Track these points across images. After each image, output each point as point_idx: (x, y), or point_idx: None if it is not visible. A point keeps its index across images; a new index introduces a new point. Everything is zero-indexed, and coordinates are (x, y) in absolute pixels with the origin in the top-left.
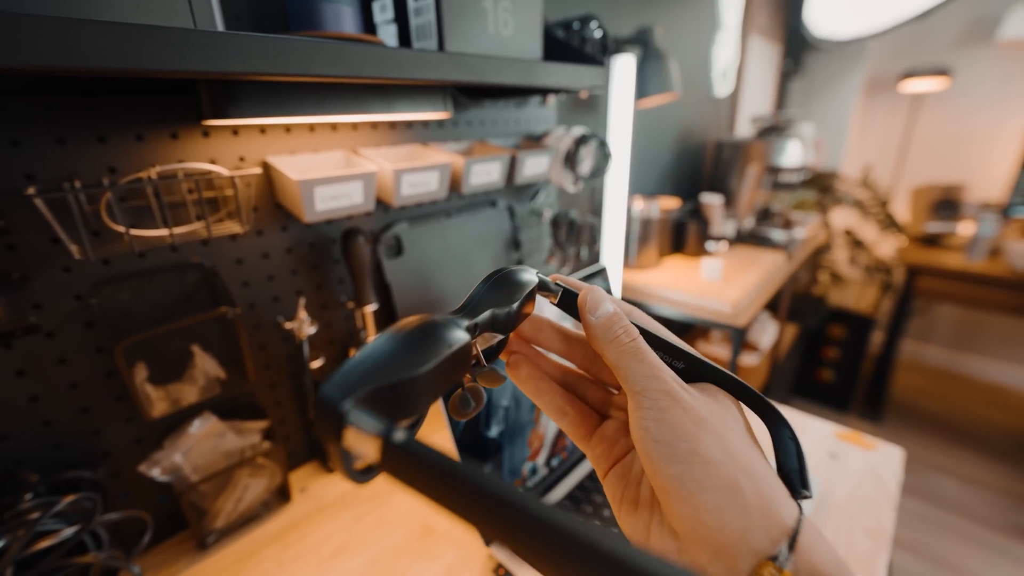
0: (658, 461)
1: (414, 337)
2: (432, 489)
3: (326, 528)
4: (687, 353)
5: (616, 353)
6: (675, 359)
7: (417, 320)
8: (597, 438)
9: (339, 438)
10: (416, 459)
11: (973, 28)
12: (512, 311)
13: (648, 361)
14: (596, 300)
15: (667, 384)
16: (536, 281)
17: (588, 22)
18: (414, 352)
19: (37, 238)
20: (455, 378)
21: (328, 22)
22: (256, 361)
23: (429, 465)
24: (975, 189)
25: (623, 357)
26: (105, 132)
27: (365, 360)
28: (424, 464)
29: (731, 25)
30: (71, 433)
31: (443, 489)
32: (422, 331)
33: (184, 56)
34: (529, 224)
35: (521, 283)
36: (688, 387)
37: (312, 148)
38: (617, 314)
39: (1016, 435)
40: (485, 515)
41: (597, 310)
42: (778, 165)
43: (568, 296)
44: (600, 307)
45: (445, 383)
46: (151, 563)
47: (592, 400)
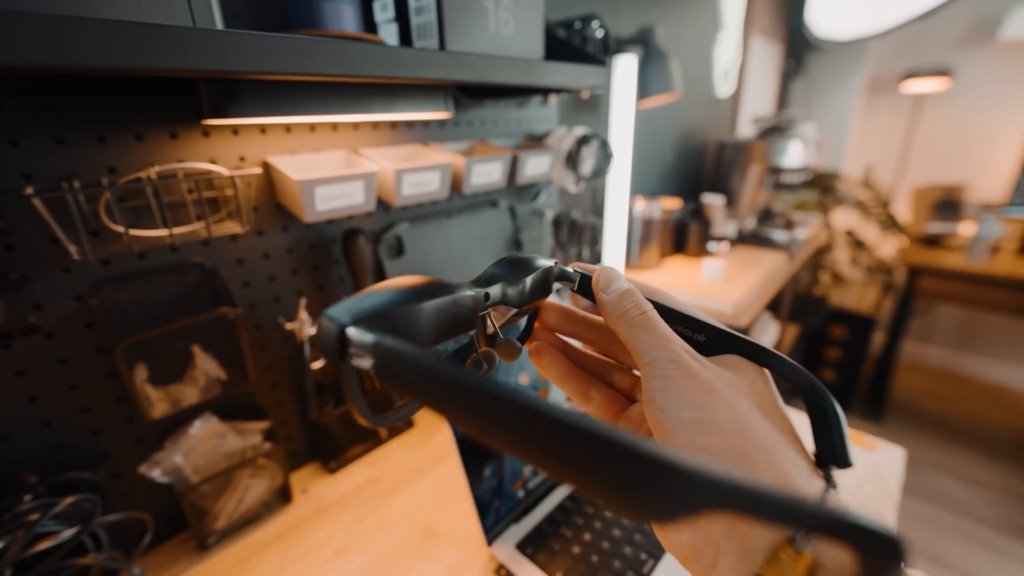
0: (663, 431)
1: (417, 283)
2: (424, 389)
3: (327, 529)
4: (709, 325)
5: (627, 326)
6: (696, 332)
7: (423, 277)
8: (623, 421)
9: (341, 354)
10: (406, 359)
11: (974, 28)
12: (524, 288)
13: (657, 332)
14: (608, 278)
15: (674, 353)
16: (550, 265)
17: (589, 21)
18: (415, 294)
19: (36, 238)
20: (457, 328)
21: (329, 21)
22: (257, 362)
23: (418, 364)
24: (976, 190)
25: (633, 330)
26: (104, 132)
27: (369, 295)
28: (413, 363)
29: (733, 25)
30: (71, 434)
31: (432, 387)
32: (426, 281)
33: (184, 55)
34: (531, 224)
35: (532, 264)
36: (703, 358)
37: (313, 148)
38: (629, 290)
39: (1017, 435)
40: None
41: (609, 287)
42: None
43: (586, 281)
44: (612, 284)
45: (445, 328)
46: (151, 564)
47: (619, 385)
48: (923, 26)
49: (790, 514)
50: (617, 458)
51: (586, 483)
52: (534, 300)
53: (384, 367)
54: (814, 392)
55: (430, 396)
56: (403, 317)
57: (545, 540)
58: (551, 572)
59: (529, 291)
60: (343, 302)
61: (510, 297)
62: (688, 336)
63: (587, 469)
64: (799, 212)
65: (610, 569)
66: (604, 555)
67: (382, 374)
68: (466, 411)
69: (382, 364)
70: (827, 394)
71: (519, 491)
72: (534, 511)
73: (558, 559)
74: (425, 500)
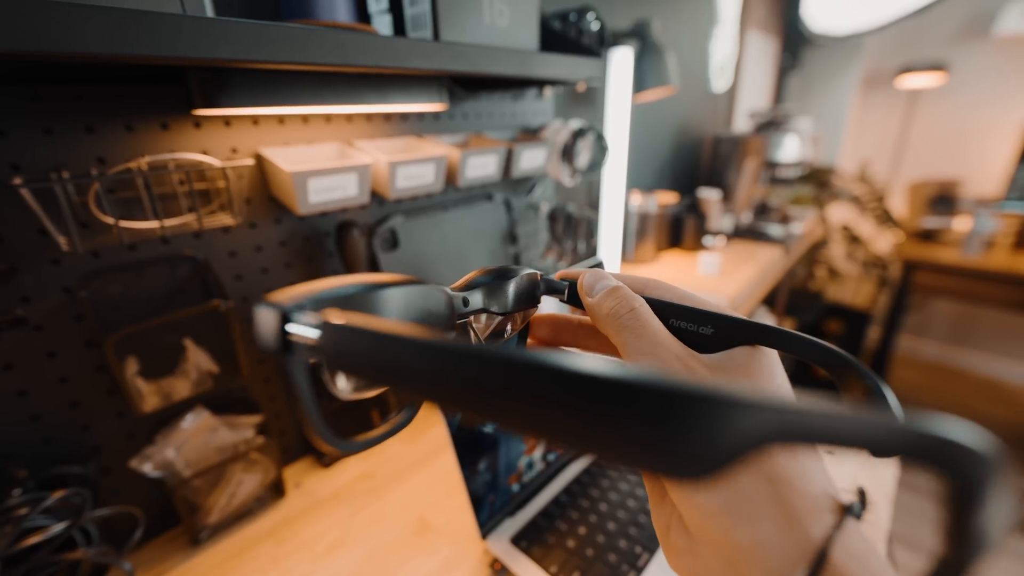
0: None
1: (383, 277)
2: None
3: (321, 524)
4: (716, 315)
5: (614, 328)
6: (701, 325)
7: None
8: None
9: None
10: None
11: (970, 24)
12: (507, 296)
13: (647, 333)
14: (592, 279)
15: (664, 357)
16: (534, 273)
17: (585, 14)
18: (379, 283)
19: (24, 230)
20: (428, 324)
21: (321, 11)
22: (249, 355)
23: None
24: (971, 184)
25: (621, 332)
26: (93, 122)
27: (321, 282)
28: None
29: (729, 19)
30: (60, 428)
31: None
32: (395, 277)
33: (175, 42)
34: (526, 218)
35: (514, 272)
36: (703, 358)
37: (306, 140)
38: (615, 288)
39: (1011, 429)
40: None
41: (594, 288)
42: (776, 160)
43: (575, 289)
44: (597, 284)
45: (414, 322)
46: (143, 559)
47: None
48: (918, 21)
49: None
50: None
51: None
52: (519, 309)
53: (339, 353)
54: (850, 371)
55: (401, 375)
56: (362, 305)
57: (540, 534)
58: (546, 566)
59: (513, 299)
60: (287, 289)
61: (492, 304)
62: (692, 331)
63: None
64: (795, 207)
65: (605, 563)
66: (599, 549)
67: (337, 363)
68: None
69: (336, 350)
70: (867, 372)
71: (514, 485)
72: (529, 505)
73: (553, 553)
74: (419, 494)
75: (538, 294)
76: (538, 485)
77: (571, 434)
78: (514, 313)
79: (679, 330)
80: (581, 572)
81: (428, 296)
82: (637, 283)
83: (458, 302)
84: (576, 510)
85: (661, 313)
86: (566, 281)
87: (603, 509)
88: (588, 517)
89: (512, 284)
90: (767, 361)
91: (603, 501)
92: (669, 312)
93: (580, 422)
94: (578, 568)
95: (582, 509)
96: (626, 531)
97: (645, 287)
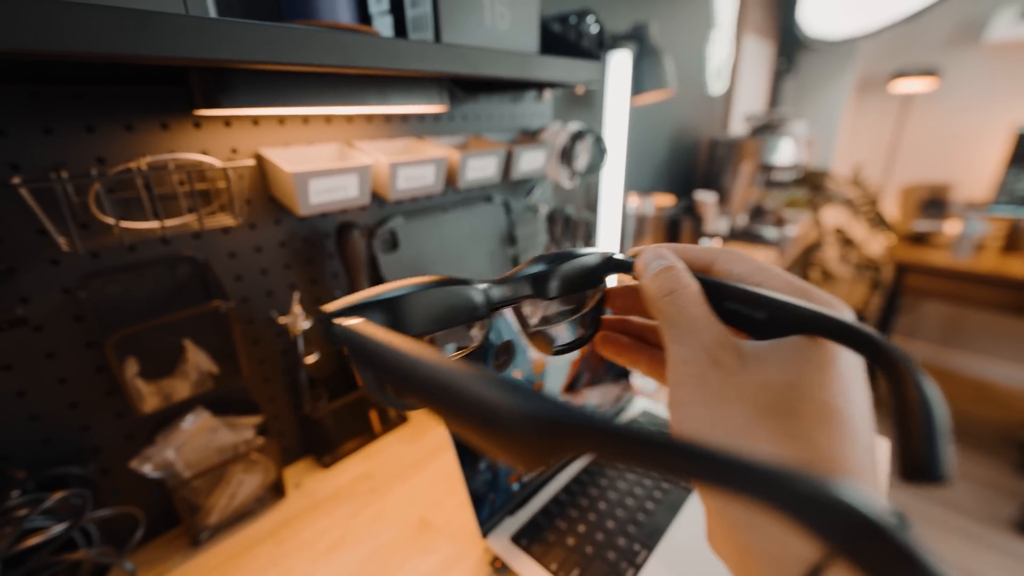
0: (673, 423)
1: (418, 280)
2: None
3: (321, 524)
4: (770, 299)
5: (655, 311)
6: (755, 309)
7: (436, 276)
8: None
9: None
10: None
11: (961, 30)
12: (555, 281)
13: (682, 319)
14: (650, 257)
15: (692, 345)
16: (593, 254)
17: (585, 17)
18: (408, 287)
19: (23, 230)
20: (454, 318)
21: (323, 12)
22: (250, 356)
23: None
24: (962, 188)
25: (659, 316)
26: (93, 122)
27: (367, 291)
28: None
29: (726, 23)
30: (60, 428)
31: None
32: (430, 279)
33: (177, 42)
34: (525, 219)
35: (571, 255)
36: (749, 346)
37: (306, 141)
38: (665, 269)
39: (1000, 429)
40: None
41: (648, 268)
42: (771, 163)
43: None
44: (652, 264)
45: (440, 316)
46: (144, 560)
47: None
48: (911, 27)
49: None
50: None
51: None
52: (572, 292)
53: (353, 351)
54: (905, 376)
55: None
56: (391, 307)
57: (540, 532)
58: (546, 564)
59: (560, 285)
60: (342, 300)
61: (537, 291)
62: (746, 314)
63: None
64: (790, 209)
65: (604, 560)
66: (598, 546)
67: (352, 357)
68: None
69: (352, 348)
70: (922, 380)
71: (514, 484)
72: (529, 503)
73: (553, 551)
74: (420, 494)
75: (601, 275)
76: (538, 484)
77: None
78: (570, 295)
79: (733, 312)
80: (581, 569)
81: (452, 294)
82: (705, 256)
83: (497, 293)
84: (576, 508)
85: (716, 293)
86: (631, 259)
87: (602, 507)
88: (587, 515)
89: (558, 271)
90: (826, 356)
91: (602, 500)
92: (724, 293)
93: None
94: (577, 565)
95: (581, 508)
96: (625, 529)
97: (714, 261)
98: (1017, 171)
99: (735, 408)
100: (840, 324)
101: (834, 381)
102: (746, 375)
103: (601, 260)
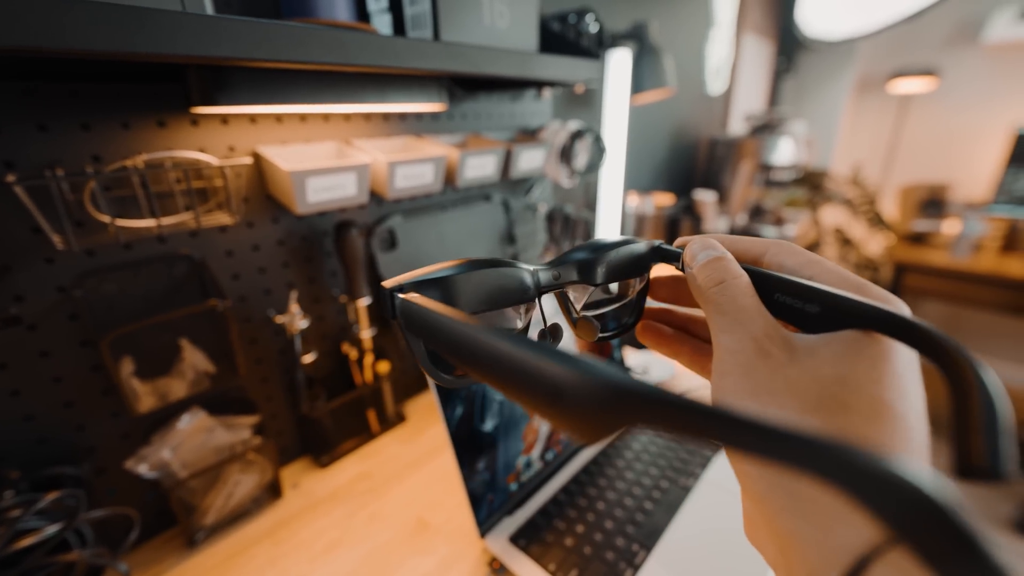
0: None
1: (472, 259)
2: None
3: (318, 524)
4: (824, 292)
5: (703, 301)
6: (807, 302)
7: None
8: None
9: (392, 314)
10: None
11: (960, 30)
12: (601, 268)
13: (731, 310)
14: (698, 247)
15: (740, 336)
16: (637, 243)
17: (584, 15)
18: (464, 265)
19: (18, 228)
20: (503, 298)
21: (321, 9)
22: (247, 355)
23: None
24: (960, 188)
25: (707, 306)
26: (89, 119)
27: (429, 268)
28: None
29: (725, 22)
30: (54, 428)
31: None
32: (483, 258)
33: (174, 39)
34: (524, 218)
35: (616, 244)
36: (799, 339)
37: (304, 139)
38: (715, 259)
39: None
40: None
41: (696, 258)
42: (770, 162)
43: None
44: (700, 254)
45: (490, 296)
46: (139, 561)
47: None
48: (910, 27)
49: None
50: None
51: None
52: (618, 279)
53: (412, 324)
54: (967, 371)
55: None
56: (447, 285)
57: (538, 532)
58: (544, 564)
59: (606, 271)
60: (405, 274)
61: (584, 277)
62: (798, 308)
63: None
64: (789, 209)
65: (603, 560)
66: (597, 547)
67: (408, 330)
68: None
69: (412, 322)
70: (984, 376)
71: (512, 484)
72: (527, 504)
73: (551, 551)
74: (418, 494)
75: (648, 263)
76: (536, 484)
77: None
78: (613, 282)
79: (783, 305)
80: (579, 570)
81: (504, 276)
82: (755, 248)
83: (545, 277)
84: (574, 509)
85: (767, 286)
86: (682, 248)
87: (600, 508)
88: (586, 516)
89: (606, 257)
90: (880, 351)
91: (600, 500)
92: (775, 286)
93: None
94: (576, 566)
95: (580, 508)
96: (623, 529)
97: (764, 253)
98: (1015, 171)
99: (784, 400)
100: (898, 319)
101: (888, 377)
102: (796, 368)
103: (648, 249)
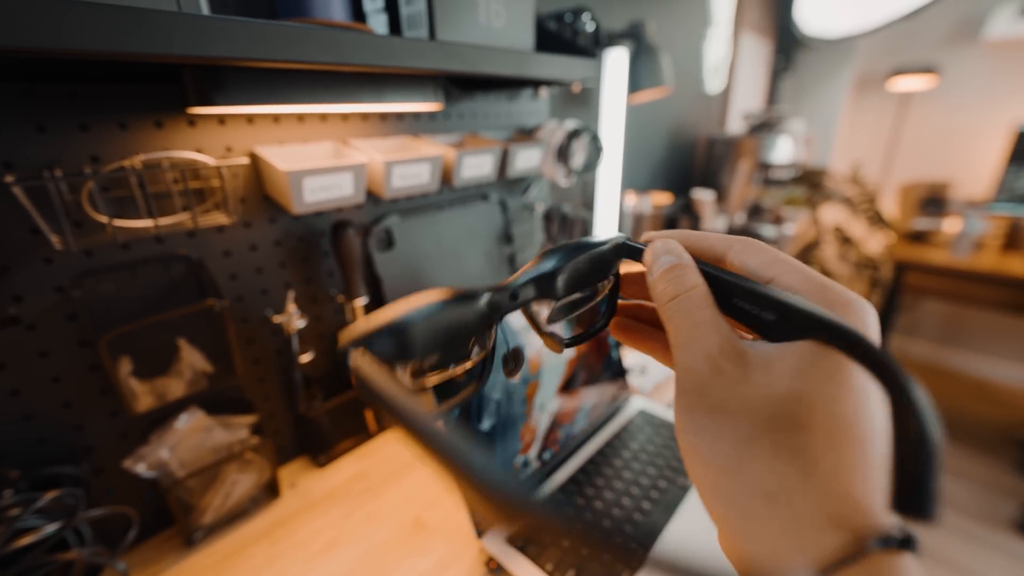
0: (677, 430)
1: (422, 302)
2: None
3: (316, 524)
4: (779, 301)
5: (660, 313)
6: (763, 309)
7: (442, 290)
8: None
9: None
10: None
11: (960, 27)
12: (558, 281)
13: (685, 326)
14: (659, 251)
15: (695, 352)
16: (597, 242)
17: (580, 14)
18: (411, 313)
19: (16, 228)
20: (463, 331)
21: (317, 9)
22: (244, 355)
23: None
24: (961, 186)
25: (663, 318)
26: (87, 120)
27: (377, 315)
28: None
29: (723, 21)
30: (53, 428)
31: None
32: (434, 297)
33: (170, 40)
34: (521, 218)
35: (579, 246)
36: (755, 351)
37: (301, 139)
38: (672, 268)
39: (1000, 428)
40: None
41: (655, 265)
42: (769, 161)
43: None
44: (658, 261)
45: (448, 332)
46: (137, 560)
47: None
48: (910, 25)
49: None
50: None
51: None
52: (580, 287)
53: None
54: (907, 404)
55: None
56: (398, 331)
57: None
58: (541, 564)
59: (567, 282)
60: (355, 325)
61: (543, 292)
62: (756, 314)
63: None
64: (788, 208)
65: (600, 560)
66: None
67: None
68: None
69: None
70: (924, 412)
71: None
72: None
73: (548, 551)
74: (415, 494)
75: (613, 263)
76: (534, 484)
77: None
78: (576, 292)
79: (742, 311)
80: (576, 570)
81: (458, 313)
82: (718, 246)
83: (503, 300)
84: (572, 508)
85: (726, 291)
86: (639, 246)
87: (598, 507)
88: (583, 515)
89: (565, 268)
90: (837, 365)
91: (598, 499)
92: (734, 291)
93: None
94: (573, 566)
95: (578, 507)
96: (621, 529)
97: (727, 251)
98: (1016, 169)
99: (738, 420)
100: (845, 333)
101: (845, 393)
102: (749, 385)
103: (612, 249)
